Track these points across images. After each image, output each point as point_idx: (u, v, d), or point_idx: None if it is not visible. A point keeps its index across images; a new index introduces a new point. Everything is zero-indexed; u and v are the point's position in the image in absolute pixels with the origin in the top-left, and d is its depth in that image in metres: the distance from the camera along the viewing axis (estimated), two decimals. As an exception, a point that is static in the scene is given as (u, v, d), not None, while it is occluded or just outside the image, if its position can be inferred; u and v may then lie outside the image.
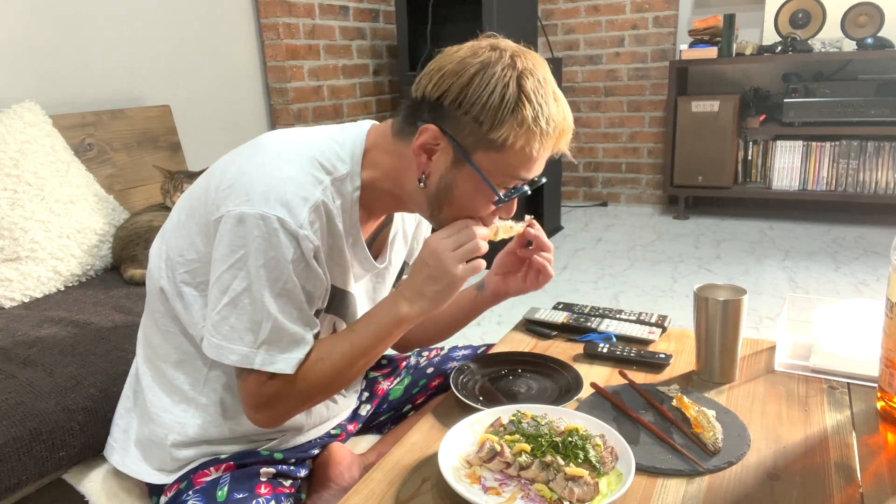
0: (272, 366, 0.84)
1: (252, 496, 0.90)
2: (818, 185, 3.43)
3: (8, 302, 1.51)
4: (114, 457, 1.00)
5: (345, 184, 0.88)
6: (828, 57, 3.25)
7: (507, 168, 0.84)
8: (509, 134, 0.81)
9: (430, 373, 1.21)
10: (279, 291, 0.83)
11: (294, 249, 0.82)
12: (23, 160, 1.62)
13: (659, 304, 2.52)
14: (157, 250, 0.94)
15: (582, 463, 0.77)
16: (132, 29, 2.41)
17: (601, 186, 4.24)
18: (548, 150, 0.86)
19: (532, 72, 0.82)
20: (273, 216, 0.80)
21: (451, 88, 0.81)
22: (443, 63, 0.83)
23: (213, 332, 0.84)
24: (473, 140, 0.82)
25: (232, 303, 0.83)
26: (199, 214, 0.88)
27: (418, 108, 0.86)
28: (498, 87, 0.80)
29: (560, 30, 4.07)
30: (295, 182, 0.83)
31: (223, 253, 0.82)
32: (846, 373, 1.02)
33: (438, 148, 0.84)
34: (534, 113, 0.80)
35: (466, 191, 0.86)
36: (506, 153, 0.83)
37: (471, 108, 0.81)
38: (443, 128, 0.83)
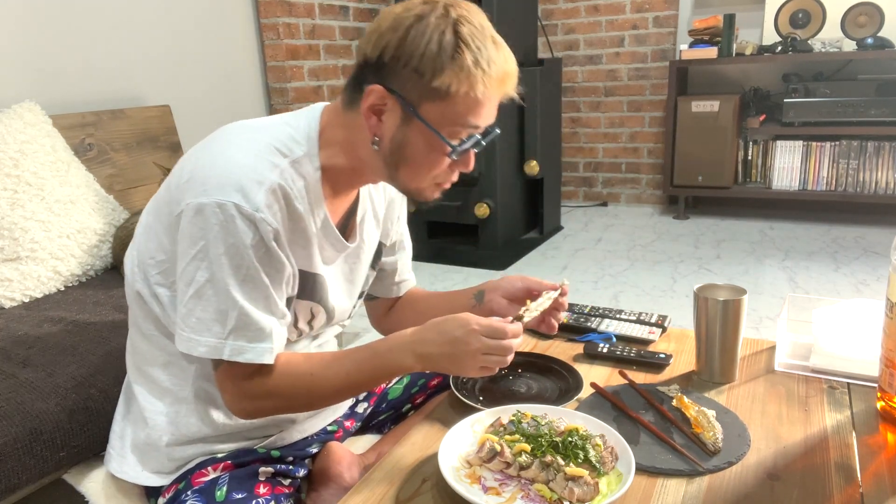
0: (241, 356, 0.84)
1: (251, 496, 0.90)
2: (818, 185, 3.43)
3: (8, 302, 1.51)
4: (111, 464, 1.00)
5: (303, 165, 0.88)
6: (828, 57, 3.25)
7: (455, 116, 0.84)
8: (451, 80, 0.81)
9: (430, 372, 1.21)
10: (243, 278, 0.83)
11: (253, 234, 0.82)
12: (23, 160, 1.62)
13: (659, 304, 2.52)
14: (130, 256, 0.95)
15: (582, 463, 0.77)
16: (132, 29, 2.41)
17: (601, 186, 4.24)
18: (493, 94, 0.85)
19: (467, 19, 0.82)
20: (229, 202, 0.80)
21: (389, 44, 0.81)
22: (379, 23, 0.84)
23: (182, 326, 0.85)
24: (418, 92, 0.82)
25: (196, 294, 0.83)
26: (163, 214, 0.89)
27: (362, 72, 0.86)
28: (434, 35, 0.80)
29: (560, 30, 4.07)
30: (248, 167, 0.83)
31: (185, 246, 0.83)
32: (846, 373, 1.02)
33: (386, 107, 0.85)
34: (473, 56, 0.80)
35: (419, 146, 0.86)
36: (451, 101, 0.82)
37: (410, 59, 0.81)
38: (387, 85, 0.83)
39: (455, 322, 0.85)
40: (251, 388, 0.87)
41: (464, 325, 0.84)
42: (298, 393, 0.90)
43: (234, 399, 0.88)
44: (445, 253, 3.37)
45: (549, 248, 3.36)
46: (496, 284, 1.09)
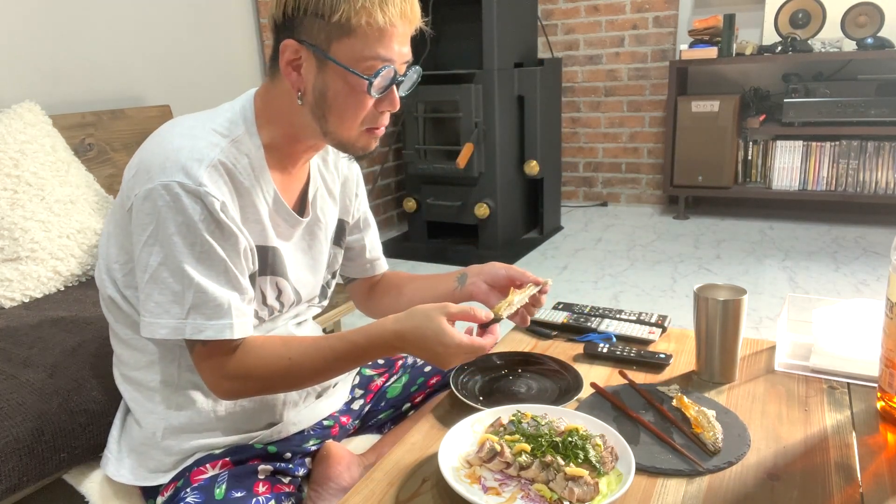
0: (201, 334, 0.85)
1: (250, 494, 0.91)
2: (818, 185, 3.43)
3: (8, 302, 1.51)
4: (108, 468, 1.00)
5: (243, 143, 0.90)
6: (828, 57, 3.25)
7: (363, 49, 0.84)
8: (349, 12, 0.82)
9: (428, 371, 1.21)
10: (198, 256, 0.84)
11: (201, 209, 0.83)
12: (23, 160, 1.62)
13: (659, 304, 2.52)
14: (98, 268, 0.98)
15: (582, 463, 0.77)
16: (132, 29, 2.41)
17: (601, 186, 4.24)
18: (397, 23, 0.85)
19: None
20: (173, 182, 0.82)
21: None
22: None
23: (144, 312, 0.86)
24: (324, 35, 0.84)
25: (152, 278, 0.84)
26: (119, 216, 0.91)
27: (277, 36, 0.88)
28: None
29: (560, 30, 4.07)
30: (186, 149, 0.85)
31: (137, 233, 0.85)
32: (846, 373, 1.02)
33: (301, 59, 0.86)
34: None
35: (339, 89, 0.86)
36: (355, 35, 0.83)
37: (308, 5, 0.83)
38: (297, 37, 0.85)
39: (438, 337, 0.85)
40: (227, 367, 0.88)
41: (446, 345, 0.85)
42: (275, 376, 0.90)
43: (213, 379, 0.89)
44: (445, 253, 3.37)
45: (549, 248, 3.36)
46: (480, 269, 1.10)
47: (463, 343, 0.84)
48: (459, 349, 0.85)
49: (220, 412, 0.97)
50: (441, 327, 0.84)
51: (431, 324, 0.85)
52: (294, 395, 1.04)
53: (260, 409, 1.00)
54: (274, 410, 1.02)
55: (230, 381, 0.89)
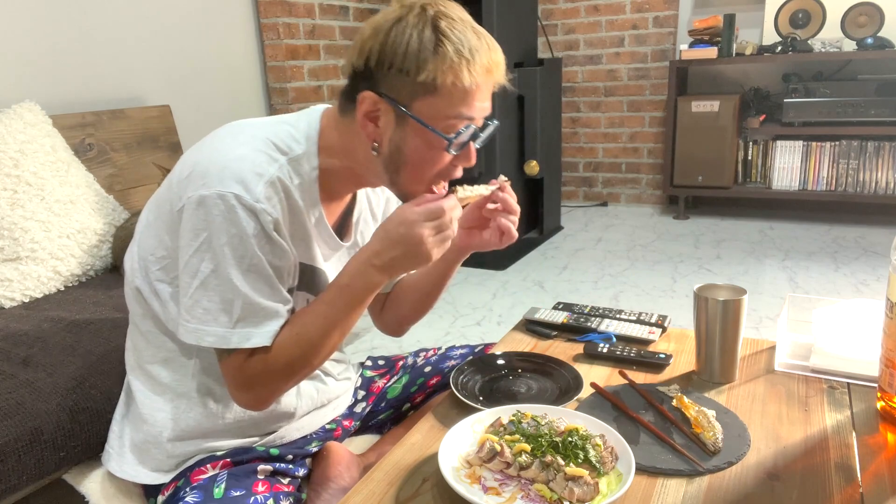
0: (248, 342, 0.85)
1: (249, 493, 0.91)
2: (818, 185, 3.43)
3: (8, 302, 1.51)
4: (110, 463, 1.00)
5: (301, 164, 0.89)
6: (828, 57, 3.25)
7: (446, 109, 0.84)
8: (436, 72, 0.81)
9: (428, 372, 1.21)
10: (247, 268, 0.84)
11: (254, 224, 0.83)
12: (23, 160, 1.62)
13: (659, 304, 2.52)
14: (130, 254, 0.96)
15: (582, 463, 0.77)
16: (132, 29, 2.41)
17: (601, 186, 4.24)
18: (482, 83, 0.85)
19: (445, 14, 0.83)
20: (229, 193, 0.81)
21: (373, 50, 0.83)
22: (361, 32, 0.85)
23: (188, 317, 0.85)
24: (407, 91, 0.83)
25: (202, 285, 0.84)
26: (164, 211, 0.89)
27: (353, 82, 0.87)
28: (414, 33, 0.81)
29: (560, 30, 4.07)
30: (248, 160, 0.84)
31: (187, 239, 0.84)
32: (846, 373, 1.02)
33: (380, 112, 0.85)
34: (454, 47, 0.81)
35: (417, 145, 0.86)
36: (440, 94, 0.83)
37: (394, 60, 0.82)
38: (377, 90, 0.84)
39: (395, 221, 0.85)
40: (250, 371, 0.87)
41: (403, 220, 0.85)
42: (293, 359, 0.88)
43: (240, 389, 0.88)
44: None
45: (549, 248, 3.36)
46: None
47: (417, 209, 0.85)
48: (419, 215, 0.84)
49: (227, 419, 0.97)
50: (396, 211, 0.86)
51: (392, 217, 0.86)
52: (302, 406, 1.04)
53: (268, 417, 1.00)
54: (280, 419, 1.02)
55: (256, 388, 0.88)
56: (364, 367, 1.26)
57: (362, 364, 1.27)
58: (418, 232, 0.84)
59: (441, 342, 2.23)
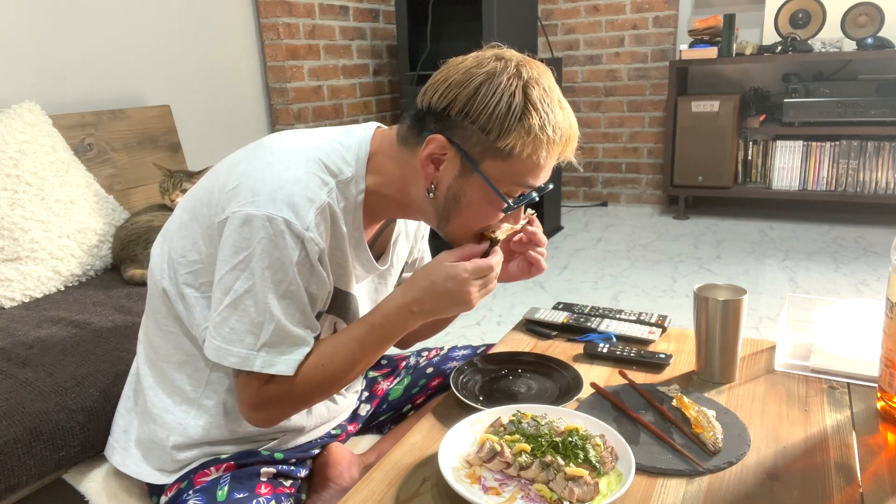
0: (272, 368, 0.84)
1: (252, 496, 0.91)
2: (818, 185, 3.43)
3: (8, 302, 1.51)
4: (114, 457, 1.00)
5: (349, 187, 0.88)
6: (828, 57, 3.25)
7: (514, 176, 0.84)
8: (517, 142, 0.81)
9: (430, 373, 1.21)
10: (283, 293, 0.82)
11: (299, 251, 0.81)
12: (23, 160, 1.62)
13: (659, 304, 2.52)
14: (160, 250, 0.94)
15: (582, 463, 0.77)
16: (132, 29, 2.41)
17: (601, 186, 4.24)
18: (554, 158, 0.86)
19: (537, 81, 0.82)
20: (280, 217, 0.80)
21: (458, 98, 0.81)
22: (448, 74, 0.84)
23: (214, 334, 0.84)
24: (481, 149, 0.82)
25: (233, 304, 0.82)
26: (202, 216, 0.87)
27: (424, 118, 0.85)
28: (504, 96, 0.80)
29: (560, 30, 4.07)
30: (301, 183, 0.82)
31: (227, 254, 0.82)
32: (846, 373, 1.02)
33: (446, 158, 0.84)
34: (540, 121, 0.80)
35: (475, 200, 0.86)
36: (513, 161, 0.83)
37: (478, 117, 0.81)
38: (450, 137, 0.83)
39: (442, 275, 0.85)
40: (269, 395, 0.87)
41: (452, 277, 0.85)
42: (313, 389, 0.89)
43: (253, 409, 0.88)
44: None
45: (549, 248, 3.36)
46: None
47: (469, 267, 0.84)
48: (470, 273, 0.84)
49: (237, 432, 0.96)
50: (444, 266, 0.85)
51: (433, 269, 0.86)
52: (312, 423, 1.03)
53: (276, 430, 0.99)
54: (289, 432, 1.02)
55: (270, 410, 0.88)
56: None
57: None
58: (467, 290, 0.85)
59: (442, 342, 2.23)
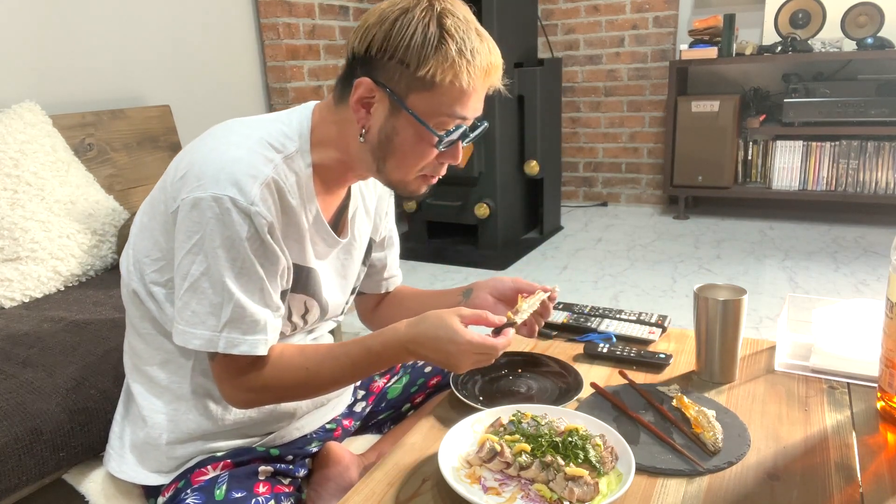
0: (235, 349, 0.85)
1: (251, 495, 0.91)
2: (818, 185, 3.43)
3: (8, 302, 1.51)
4: (111, 464, 1.00)
5: (295, 161, 0.89)
6: (828, 57, 3.25)
7: (441, 106, 0.85)
8: (436, 69, 0.82)
9: (429, 371, 1.21)
10: (238, 271, 0.84)
11: (248, 227, 0.83)
12: (23, 160, 1.62)
13: (659, 304, 2.52)
14: (125, 256, 0.96)
15: (582, 463, 0.77)
16: (132, 29, 2.41)
17: (601, 186, 4.24)
18: (479, 85, 0.86)
19: (451, 11, 0.83)
20: (225, 196, 0.81)
21: (376, 38, 0.83)
22: (366, 18, 0.85)
23: (178, 319, 0.85)
24: (405, 84, 0.83)
25: (192, 287, 0.84)
26: (158, 212, 0.89)
27: (351, 67, 0.87)
28: (419, 27, 0.81)
29: (560, 30, 4.07)
30: (243, 162, 0.84)
31: (181, 240, 0.84)
32: (846, 373, 1.02)
33: (374, 99, 0.86)
34: (457, 46, 0.82)
35: (407, 137, 0.87)
36: (437, 90, 0.83)
37: (395, 51, 0.82)
38: (375, 78, 0.84)
39: (448, 335, 0.85)
40: (247, 380, 0.88)
41: (456, 341, 0.84)
42: (293, 385, 0.90)
43: (231, 390, 0.89)
44: (445, 253, 3.37)
45: (549, 248, 3.36)
46: (485, 283, 1.09)
47: (474, 342, 0.84)
48: (472, 348, 0.84)
49: (227, 421, 0.97)
50: (453, 328, 0.84)
51: (444, 324, 0.85)
52: (302, 406, 1.04)
53: (267, 419, 1.00)
54: (281, 419, 1.02)
55: (247, 393, 0.89)
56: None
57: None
58: (465, 359, 0.85)
59: (441, 342, 2.23)
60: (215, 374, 0.89)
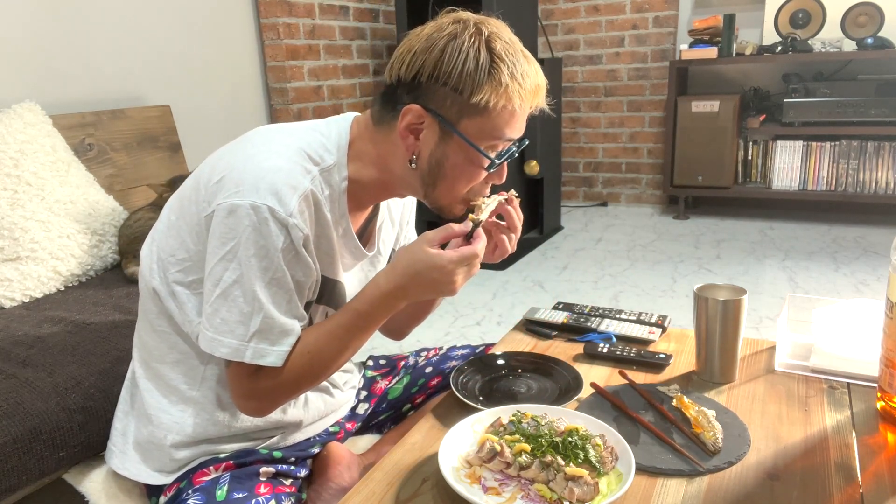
0: (262, 359, 0.85)
1: (252, 495, 0.91)
2: (818, 185, 3.43)
3: (8, 302, 1.51)
4: (113, 460, 1.00)
5: (332, 174, 0.89)
6: (828, 57, 3.25)
7: (493, 130, 0.85)
8: (490, 95, 0.82)
9: (429, 372, 1.21)
10: (269, 281, 0.83)
11: (284, 238, 0.82)
12: (23, 160, 1.62)
13: (659, 304, 2.52)
14: (148, 252, 0.95)
15: (582, 463, 0.77)
16: (132, 29, 2.41)
17: (601, 186, 4.24)
18: (527, 107, 0.87)
19: (498, 35, 0.84)
20: (263, 205, 0.81)
21: (426, 64, 0.83)
22: (412, 43, 0.85)
23: (207, 325, 0.85)
24: (457, 109, 0.84)
25: (223, 294, 0.83)
26: (189, 213, 0.88)
27: (394, 92, 0.87)
28: (470, 53, 0.82)
29: (560, 30, 4.07)
30: (284, 171, 0.83)
31: (215, 245, 0.83)
32: (846, 373, 1.02)
33: (423, 126, 0.86)
34: (508, 70, 0.82)
35: (458, 162, 0.87)
36: (489, 115, 0.84)
37: (447, 78, 0.82)
38: (425, 104, 0.84)
39: (427, 264, 0.85)
40: (262, 387, 0.87)
41: (437, 266, 0.85)
42: (301, 376, 0.90)
43: (245, 398, 0.89)
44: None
45: (549, 248, 3.36)
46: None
47: (454, 257, 0.85)
48: (455, 264, 0.85)
49: (234, 428, 0.96)
50: (427, 253, 0.85)
51: (417, 255, 0.86)
52: (308, 416, 1.04)
53: (273, 428, 1.00)
54: (286, 427, 1.02)
55: (260, 401, 0.89)
56: (366, 367, 1.26)
57: (364, 364, 1.27)
58: (453, 278, 0.86)
59: (441, 342, 2.23)
60: (230, 380, 0.88)
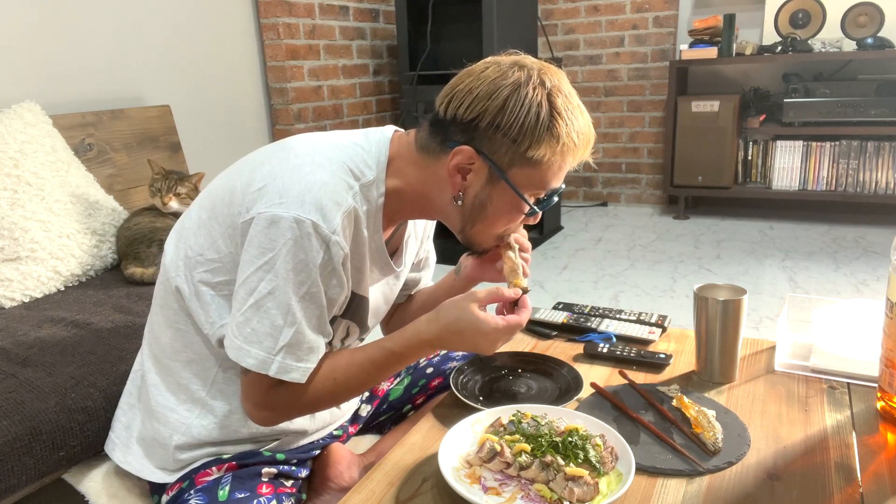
0: (287, 375, 0.84)
1: (253, 496, 0.91)
2: (818, 185, 3.43)
3: (8, 302, 1.51)
4: (115, 453, 1.00)
5: (371, 190, 0.88)
6: (828, 57, 3.25)
7: (540, 181, 0.87)
8: (546, 152, 0.84)
9: (430, 373, 1.21)
10: (303, 295, 0.83)
11: (324, 254, 0.82)
12: (23, 160, 1.62)
13: (659, 304, 2.52)
14: (174, 248, 0.93)
15: (582, 463, 0.77)
16: (132, 29, 2.41)
17: (601, 186, 4.24)
18: (576, 162, 0.89)
19: (560, 88, 0.85)
20: (308, 220, 0.80)
21: (487, 111, 0.83)
22: (472, 85, 0.85)
23: (236, 333, 0.84)
24: (509, 158, 0.85)
25: (256, 304, 0.82)
26: (223, 215, 0.87)
27: (447, 127, 0.87)
28: (532, 107, 0.82)
29: (560, 30, 4.07)
30: (329, 187, 0.83)
31: (252, 254, 0.82)
32: (846, 373, 1.02)
33: (472, 167, 0.86)
34: (567, 129, 0.83)
35: (501, 206, 0.88)
36: (540, 168, 0.85)
37: (507, 129, 0.83)
38: (478, 148, 0.85)
39: (473, 328, 0.86)
40: (277, 398, 0.87)
41: (483, 332, 0.86)
42: (322, 398, 0.90)
43: (258, 408, 0.88)
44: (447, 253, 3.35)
45: (549, 248, 3.36)
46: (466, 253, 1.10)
47: (500, 326, 0.86)
48: (498, 332, 0.86)
49: (241, 433, 0.96)
50: (475, 316, 0.85)
51: (464, 315, 0.86)
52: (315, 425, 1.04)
53: (278, 433, 1.00)
54: (291, 434, 1.02)
55: (273, 412, 0.89)
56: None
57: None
58: (495, 344, 0.88)
59: (441, 342, 2.23)
60: (247, 387, 0.88)
